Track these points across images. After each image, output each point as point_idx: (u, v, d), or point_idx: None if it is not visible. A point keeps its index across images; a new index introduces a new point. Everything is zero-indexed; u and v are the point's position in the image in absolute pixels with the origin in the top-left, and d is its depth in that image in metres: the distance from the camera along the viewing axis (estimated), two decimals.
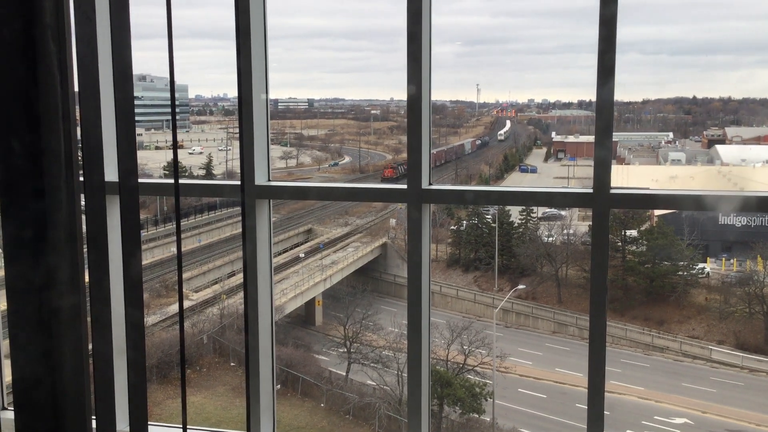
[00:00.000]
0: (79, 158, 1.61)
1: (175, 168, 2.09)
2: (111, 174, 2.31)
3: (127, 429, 2.08)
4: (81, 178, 1.67)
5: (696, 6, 43.61)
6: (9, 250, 1.47)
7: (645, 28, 40.55)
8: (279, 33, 42.99)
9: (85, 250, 1.75)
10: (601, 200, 4.13)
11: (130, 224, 1.87)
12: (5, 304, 1.57)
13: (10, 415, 5.31)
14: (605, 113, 4.10)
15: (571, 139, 44.75)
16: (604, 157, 4.15)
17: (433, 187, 4.55)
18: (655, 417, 25.59)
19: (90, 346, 1.71)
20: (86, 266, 1.80)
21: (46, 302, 1.48)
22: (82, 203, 1.71)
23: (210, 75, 64.88)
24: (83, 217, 1.70)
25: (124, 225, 1.88)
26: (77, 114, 1.72)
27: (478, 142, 48.22)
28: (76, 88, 1.70)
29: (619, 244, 31.31)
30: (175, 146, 2.23)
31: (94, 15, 1.83)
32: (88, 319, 1.69)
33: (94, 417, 1.87)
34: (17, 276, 1.48)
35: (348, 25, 52.43)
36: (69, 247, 1.49)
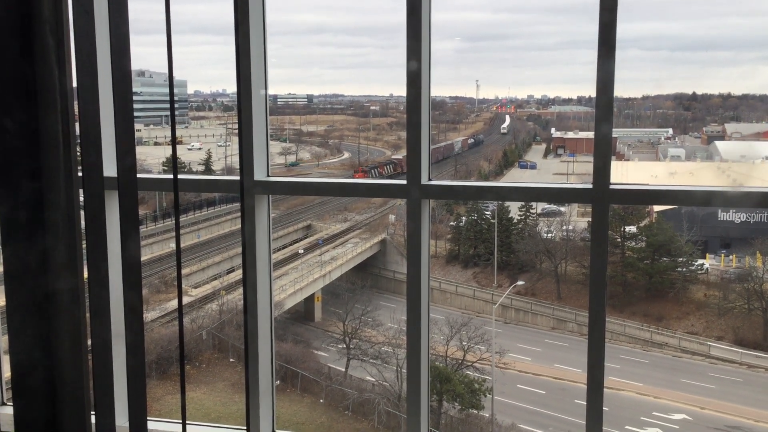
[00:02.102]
0: (78, 153, 1.61)
1: (174, 163, 2.09)
2: (110, 170, 2.31)
3: (126, 425, 2.08)
4: (79, 174, 1.67)
5: (696, 2, 43.56)
6: (7, 243, 1.47)
7: (645, 24, 40.53)
8: (280, 29, 42.95)
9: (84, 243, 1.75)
10: (600, 196, 4.13)
11: (129, 218, 1.87)
12: (1, 299, 1.57)
13: (9, 410, 5.31)
14: (606, 92, 4.10)
15: (570, 135, 44.73)
16: (603, 142, 4.14)
17: (433, 182, 4.55)
18: (654, 413, 25.62)
19: (88, 339, 1.71)
20: (84, 255, 1.80)
21: (45, 295, 1.48)
22: (81, 198, 1.71)
23: (209, 71, 64.78)
24: (81, 211, 1.69)
25: (123, 219, 1.88)
26: (76, 108, 1.72)
27: (471, 140, 47.38)
28: (75, 83, 1.70)
29: (619, 240, 31.32)
30: (174, 142, 2.23)
31: (93, 9, 1.83)
32: (87, 314, 1.69)
33: (93, 412, 1.86)
34: (15, 263, 1.48)
35: (349, 21, 52.38)
36: (68, 241, 1.49)
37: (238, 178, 5.99)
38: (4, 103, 1.46)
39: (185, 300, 29.04)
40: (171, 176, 3.65)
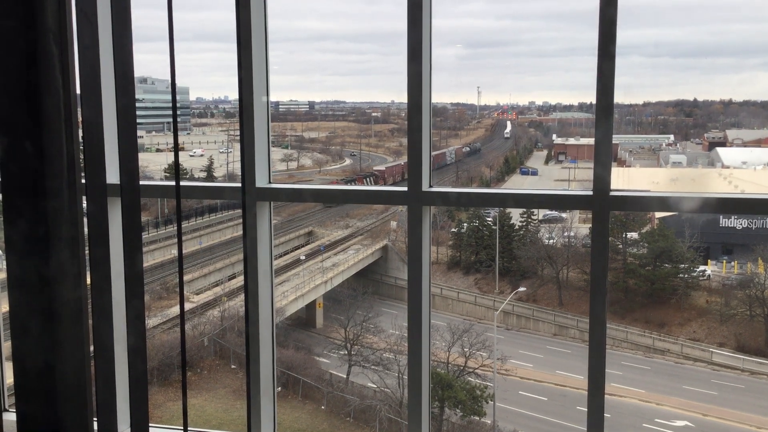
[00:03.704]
0: (81, 160, 1.62)
1: (176, 170, 2.10)
2: (112, 176, 2.32)
3: (128, 430, 2.09)
4: (83, 180, 1.68)
5: (698, 8, 43.61)
6: (11, 250, 1.48)
7: (646, 30, 40.51)
8: (282, 36, 43.01)
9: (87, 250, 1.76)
10: (601, 202, 4.14)
11: (131, 225, 1.88)
12: (5, 306, 1.58)
13: (11, 416, 5.31)
14: (606, 97, 4.11)
15: (571, 141, 44.72)
16: (604, 149, 4.15)
17: (434, 189, 4.57)
18: (656, 419, 25.56)
19: (91, 347, 1.71)
20: (88, 266, 1.80)
21: (48, 301, 1.49)
22: (84, 204, 1.72)
23: (211, 77, 64.87)
24: (85, 218, 1.70)
25: (125, 225, 1.89)
26: (79, 116, 1.73)
27: (466, 149, 46.50)
28: (78, 91, 1.71)
29: (620, 246, 31.29)
30: (177, 149, 2.24)
31: (96, 18, 1.84)
32: (90, 321, 1.70)
33: (95, 419, 1.87)
34: (19, 275, 1.49)
35: (351, 28, 52.45)
36: (71, 247, 1.50)
37: (240, 184, 6.01)
38: (8, 110, 1.47)
39: (187, 306, 29.04)
40: (173, 183, 3.66)
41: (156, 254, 32.22)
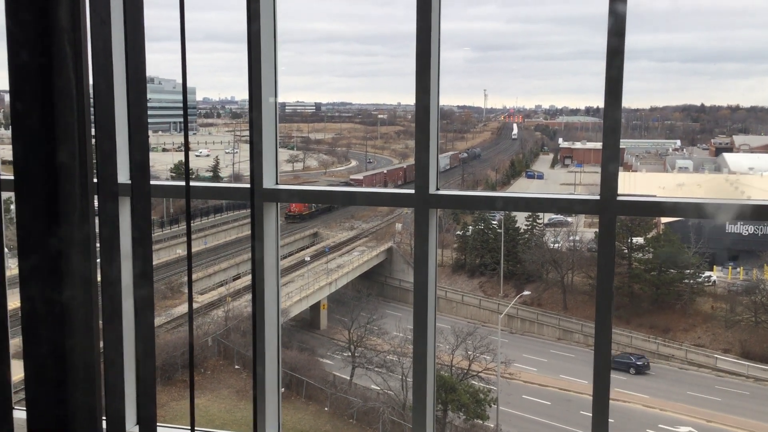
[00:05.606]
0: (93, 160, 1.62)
1: (186, 171, 2.11)
2: (122, 176, 2.33)
3: (136, 430, 2.10)
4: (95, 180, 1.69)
5: (707, 14, 43.56)
6: (23, 249, 1.49)
7: (655, 35, 40.47)
8: (292, 37, 43.07)
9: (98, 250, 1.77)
10: (608, 207, 4.14)
11: (141, 224, 1.88)
12: (13, 303, 1.59)
13: (18, 414, 5.33)
14: (613, 121, 4.11)
15: (578, 145, 44.66)
16: (611, 163, 4.15)
17: (440, 192, 4.57)
18: (660, 425, 25.49)
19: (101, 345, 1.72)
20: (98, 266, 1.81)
21: (59, 301, 1.49)
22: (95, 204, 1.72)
23: (218, 77, 64.95)
24: (96, 217, 1.71)
25: (135, 225, 1.89)
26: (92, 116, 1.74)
27: (463, 155, 45.17)
28: (91, 91, 1.72)
29: (626, 251, 31.22)
30: (187, 150, 2.25)
31: (110, 19, 1.85)
32: (99, 320, 1.71)
33: (104, 418, 1.88)
34: (30, 275, 1.50)
35: (360, 30, 52.54)
36: (82, 246, 1.51)
37: (247, 185, 6.02)
38: (22, 111, 1.48)
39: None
40: (182, 183, 3.67)
41: (161, 254, 32.27)
